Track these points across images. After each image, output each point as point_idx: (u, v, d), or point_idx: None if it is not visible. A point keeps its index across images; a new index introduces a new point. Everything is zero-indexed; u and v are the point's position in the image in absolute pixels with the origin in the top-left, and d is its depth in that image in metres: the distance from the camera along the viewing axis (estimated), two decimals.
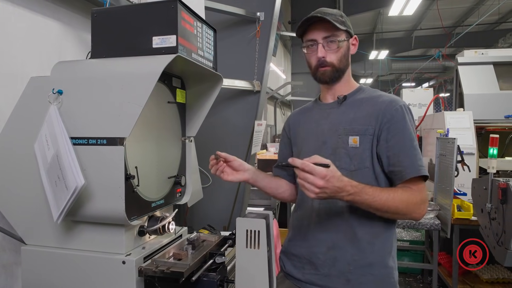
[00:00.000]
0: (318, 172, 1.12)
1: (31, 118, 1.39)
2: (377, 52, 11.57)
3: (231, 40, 2.81)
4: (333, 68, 1.42)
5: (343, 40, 1.41)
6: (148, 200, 1.50)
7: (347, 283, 1.35)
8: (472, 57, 4.62)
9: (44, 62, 1.84)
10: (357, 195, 1.21)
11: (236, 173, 1.49)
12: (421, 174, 1.29)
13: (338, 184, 1.16)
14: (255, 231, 1.34)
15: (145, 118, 1.49)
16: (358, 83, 1.54)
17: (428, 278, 4.13)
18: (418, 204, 1.29)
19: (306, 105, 1.65)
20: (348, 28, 1.42)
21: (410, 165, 1.30)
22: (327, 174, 1.13)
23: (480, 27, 11.35)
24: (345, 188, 1.18)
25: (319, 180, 1.12)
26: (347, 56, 1.45)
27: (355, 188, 1.20)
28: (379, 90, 1.52)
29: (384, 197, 1.24)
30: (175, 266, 1.31)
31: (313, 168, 1.12)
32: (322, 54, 1.40)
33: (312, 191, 1.14)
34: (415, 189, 1.30)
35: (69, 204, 1.26)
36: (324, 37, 1.39)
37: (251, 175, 1.52)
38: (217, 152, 1.46)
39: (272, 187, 1.61)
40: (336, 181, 1.15)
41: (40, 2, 1.85)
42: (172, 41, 1.32)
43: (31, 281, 1.45)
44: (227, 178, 1.48)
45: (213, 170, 1.47)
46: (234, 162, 1.48)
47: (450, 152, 3.38)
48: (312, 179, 1.13)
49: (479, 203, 2.68)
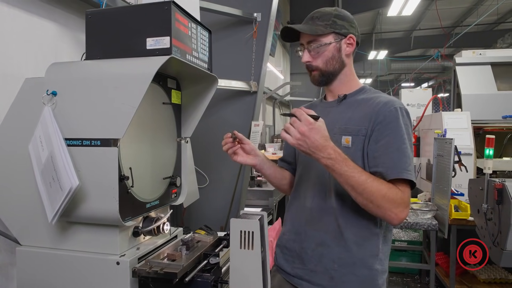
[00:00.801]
0: (305, 118, 1.17)
1: (26, 119, 1.40)
2: (376, 52, 11.58)
3: (228, 41, 2.81)
4: (319, 71, 1.43)
5: (328, 44, 1.40)
6: (143, 201, 1.51)
7: (330, 280, 1.36)
8: (470, 58, 4.63)
9: (40, 63, 1.85)
10: (337, 162, 1.20)
11: (246, 156, 1.53)
12: (403, 176, 1.25)
13: (321, 141, 1.18)
14: (249, 232, 1.35)
15: (140, 119, 1.50)
16: (362, 84, 1.53)
17: (426, 279, 4.14)
18: (397, 203, 1.23)
19: (313, 102, 1.67)
20: (338, 30, 1.40)
21: (392, 166, 1.26)
22: (312, 123, 1.17)
23: (479, 27, 11.35)
24: (326, 148, 1.19)
25: (303, 126, 1.17)
26: (336, 58, 1.42)
27: (337, 154, 1.20)
28: (381, 91, 1.52)
29: (363, 177, 1.21)
30: (168, 267, 1.31)
31: (301, 113, 1.18)
32: (306, 59, 1.43)
33: (294, 135, 1.18)
34: (399, 189, 1.25)
35: (63, 205, 1.27)
36: (308, 42, 1.42)
37: (259, 161, 1.55)
38: (234, 131, 1.49)
39: (278, 177, 1.65)
40: (319, 136, 1.18)
41: (36, 3, 1.85)
42: (166, 43, 1.32)
43: (26, 281, 1.45)
44: (236, 159, 1.51)
45: (225, 148, 1.50)
46: (247, 146, 1.52)
47: (448, 153, 3.39)
48: (298, 124, 1.18)
49: (476, 203, 2.68)
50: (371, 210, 1.26)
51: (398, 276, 4.36)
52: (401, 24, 12.23)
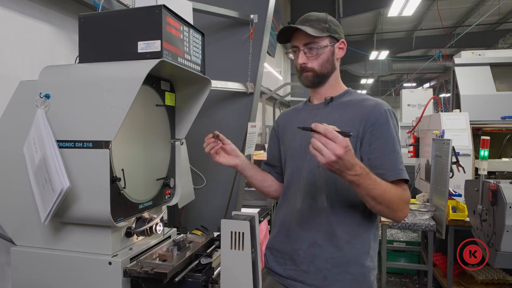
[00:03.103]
0: (341, 140, 1.09)
1: (21, 121, 1.42)
2: (378, 53, 11.56)
3: (225, 42, 2.83)
4: (314, 73, 1.46)
5: (324, 46, 1.43)
6: (136, 201, 1.52)
7: (324, 280, 1.38)
8: (469, 58, 4.63)
9: (37, 65, 1.87)
10: (362, 177, 1.18)
11: (228, 156, 1.53)
12: (402, 177, 1.32)
13: (352, 161, 1.14)
14: (239, 232, 1.37)
15: (133, 121, 1.52)
16: (346, 86, 1.56)
17: (424, 279, 4.14)
18: (406, 203, 1.32)
19: (296, 105, 1.69)
20: (333, 33, 1.44)
21: (391, 168, 1.32)
22: (348, 145, 1.10)
23: (480, 27, 11.31)
24: (355, 166, 1.15)
25: (340, 149, 1.08)
26: (330, 61, 1.46)
27: (362, 169, 1.18)
28: (367, 94, 1.55)
29: (383, 187, 1.24)
30: (159, 267, 1.33)
31: (336, 135, 1.09)
32: (303, 61, 1.44)
33: (329, 157, 1.09)
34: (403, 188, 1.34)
35: (55, 206, 1.29)
36: (304, 44, 1.43)
37: (241, 162, 1.56)
38: (215, 131, 1.49)
39: (259, 179, 1.65)
40: (351, 156, 1.13)
41: (31, 5, 1.88)
42: (156, 46, 1.34)
43: (21, 281, 1.47)
44: (218, 160, 1.52)
45: (207, 149, 1.50)
46: (228, 146, 1.53)
47: (445, 154, 3.39)
48: (333, 146, 1.08)
49: (472, 204, 2.69)
50: (383, 212, 1.30)
51: (396, 277, 4.37)
52: (402, 24, 12.20)
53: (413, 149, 4.76)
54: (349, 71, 14.10)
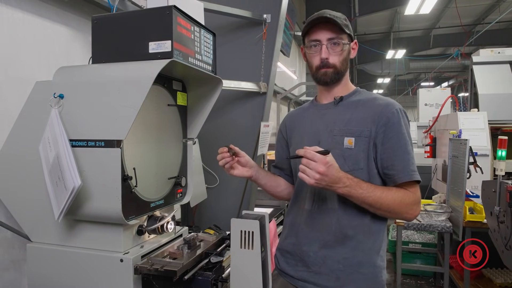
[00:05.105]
0: (319, 158, 1.18)
1: (36, 121, 1.46)
2: (394, 52, 11.41)
3: (238, 42, 2.83)
4: (335, 69, 1.43)
5: (347, 43, 1.43)
6: (147, 200, 1.54)
7: (337, 281, 1.37)
8: (488, 56, 4.53)
9: (53, 66, 1.91)
10: (353, 188, 1.25)
11: (242, 168, 1.51)
12: (413, 179, 1.33)
13: (337, 174, 1.21)
14: (249, 231, 1.37)
15: (145, 120, 1.54)
16: (362, 86, 1.56)
17: (440, 282, 4.06)
18: (411, 205, 1.34)
19: (302, 105, 1.67)
20: (350, 32, 1.44)
21: (403, 169, 1.33)
22: (328, 161, 1.18)
23: (501, 24, 11.04)
24: (342, 179, 1.23)
25: (320, 166, 1.17)
26: (347, 59, 1.46)
27: (350, 180, 1.25)
28: (375, 93, 1.54)
29: (378, 193, 1.29)
30: (169, 265, 1.35)
31: (313, 154, 1.18)
32: (326, 55, 1.41)
33: (313, 176, 1.18)
34: (409, 191, 1.34)
35: (68, 203, 1.32)
36: (328, 39, 1.41)
37: (254, 173, 1.54)
38: (230, 145, 1.47)
39: (272, 185, 1.64)
40: (335, 171, 1.21)
41: (48, 8, 1.92)
42: (167, 46, 1.36)
43: (36, 276, 1.51)
44: (233, 173, 1.50)
45: (222, 162, 1.47)
46: (242, 159, 1.51)
47: (463, 154, 3.33)
48: (314, 165, 1.17)
49: (489, 206, 2.62)
50: (385, 216, 1.37)
51: (412, 279, 4.30)
52: (419, 23, 12.00)
53: (429, 149, 4.68)
54: (365, 70, 13.96)
